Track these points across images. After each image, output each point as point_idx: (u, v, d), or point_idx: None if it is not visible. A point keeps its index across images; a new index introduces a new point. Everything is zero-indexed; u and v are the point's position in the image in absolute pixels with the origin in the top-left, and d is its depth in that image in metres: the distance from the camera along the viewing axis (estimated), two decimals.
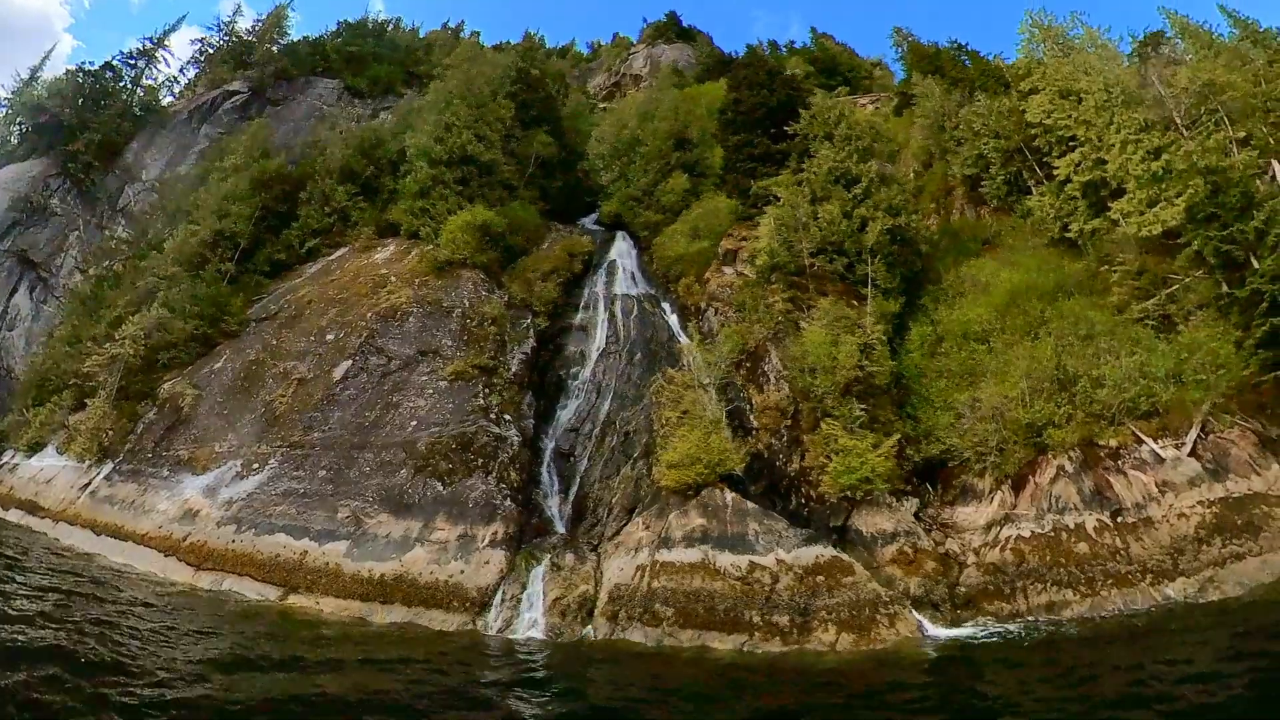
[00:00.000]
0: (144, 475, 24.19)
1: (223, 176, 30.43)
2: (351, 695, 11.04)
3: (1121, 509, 15.48)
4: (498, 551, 19.01)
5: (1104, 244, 19.69)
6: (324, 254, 32.14)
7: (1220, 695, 8.98)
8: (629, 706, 11.59)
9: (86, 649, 11.34)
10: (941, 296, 24.30)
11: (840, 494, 18.87)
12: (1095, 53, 19.85)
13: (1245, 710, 8.58)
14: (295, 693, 10.91)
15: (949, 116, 29.20)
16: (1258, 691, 8.93)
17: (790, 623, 14.98)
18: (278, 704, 10.43)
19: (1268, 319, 13.42)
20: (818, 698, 11.70)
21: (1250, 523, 13.42)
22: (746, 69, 33.86)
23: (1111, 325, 17.88)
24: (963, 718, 10.24)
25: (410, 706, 10.70)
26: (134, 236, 32.47)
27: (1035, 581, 15.24)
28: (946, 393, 20.68)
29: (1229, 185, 14.42)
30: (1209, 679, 9.71)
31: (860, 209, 26.02)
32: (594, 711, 11.33)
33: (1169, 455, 15.47)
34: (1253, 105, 16.21)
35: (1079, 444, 17.01)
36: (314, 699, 10.81)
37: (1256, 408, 14.77)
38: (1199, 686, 9.44)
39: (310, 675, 11.90)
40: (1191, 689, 9.37)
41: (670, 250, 34.04)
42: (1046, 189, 22.55)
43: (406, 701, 10.94)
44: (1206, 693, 9.19)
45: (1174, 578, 13.55)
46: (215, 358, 27.33)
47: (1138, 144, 16.65)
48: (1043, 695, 10.42)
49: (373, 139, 34.52)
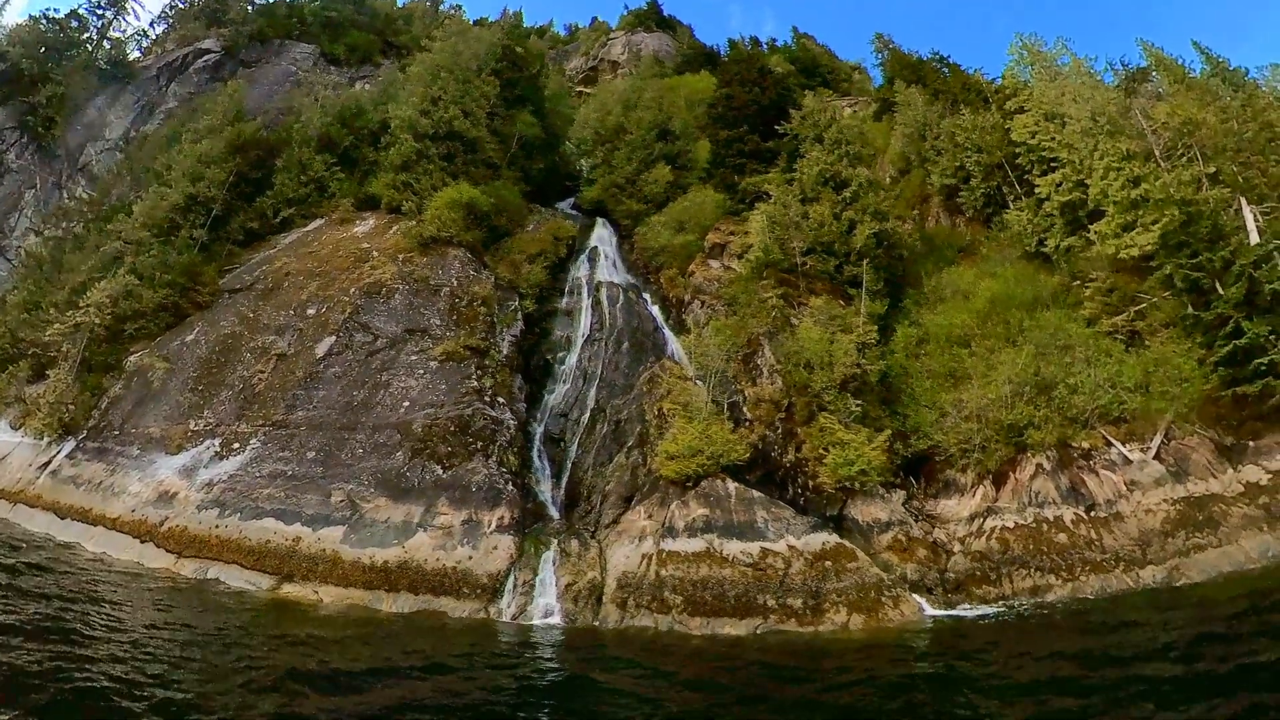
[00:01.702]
0: (111, 454, 22.86)
1: (196, 138, 28.52)
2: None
3: (1095, 504, 17.11)
4: (505, 537, 19.00)
5: (1078, 260, 21.40)
6: (299, 225, 30.80)
7: (1181, 666, 10.41)
8: (712, 683, 12.09)
9: (64, 643, 10.90)
10: (923, 300, 25.70)
11: (838, 484, 19.87)
12: (1081, 81, 21.40)
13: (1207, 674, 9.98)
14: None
15: (930, 127, 30.61)
16: (1228, 665, 10.33)
17: (804, 605, 15.86)
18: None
19: (1230, 341, 15.09)
20: (871, 663, 12.68)
21: (1210, 519, 15.17)
22: (739, 66, 34.37)
23: (1086, 337, 19.56)
24: (974, 684, 11.34)
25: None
26: (96, 197, 30.00)
27: (1019, 568, 16.67)
28: (932, 392, 22.02)
29: (1200, 217, 16.06)
30: (1174, 649, 11.19)
31: (848, 212, 27.10)
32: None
33: (1136, 458, 17.19)
34: (1223, 144, 18.05)
35: (1055, 444, 18.60)
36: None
37: (1215, 419, 16.60)
38: (1168, 655, 10.90)
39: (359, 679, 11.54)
40: (1161, 659, 10.86)
41: (652, 241, 34.29)
42: (1025, 204, 24.18)
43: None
44: (1174, 660, 10.65)
45: (1144, 565, 15.18)
46: (186, 329, 25.91)
47: (1119, 172, 18.21)
48: (1035, 667, 11.69)
49: (354, 108, 33.11)
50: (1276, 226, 15.46)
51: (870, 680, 11.61)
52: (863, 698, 10.79)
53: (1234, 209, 16.90)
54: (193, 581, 18.17)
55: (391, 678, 11.49)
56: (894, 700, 10.37)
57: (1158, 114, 19.36)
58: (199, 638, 13.02)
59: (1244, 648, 10.72)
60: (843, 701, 10.71)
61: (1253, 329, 14.74)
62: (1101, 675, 10.26)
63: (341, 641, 14.01)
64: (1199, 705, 8.69)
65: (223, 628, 14.16)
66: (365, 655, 12.97)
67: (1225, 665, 10.12)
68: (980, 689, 10.55)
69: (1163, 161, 18.48)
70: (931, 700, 10.21)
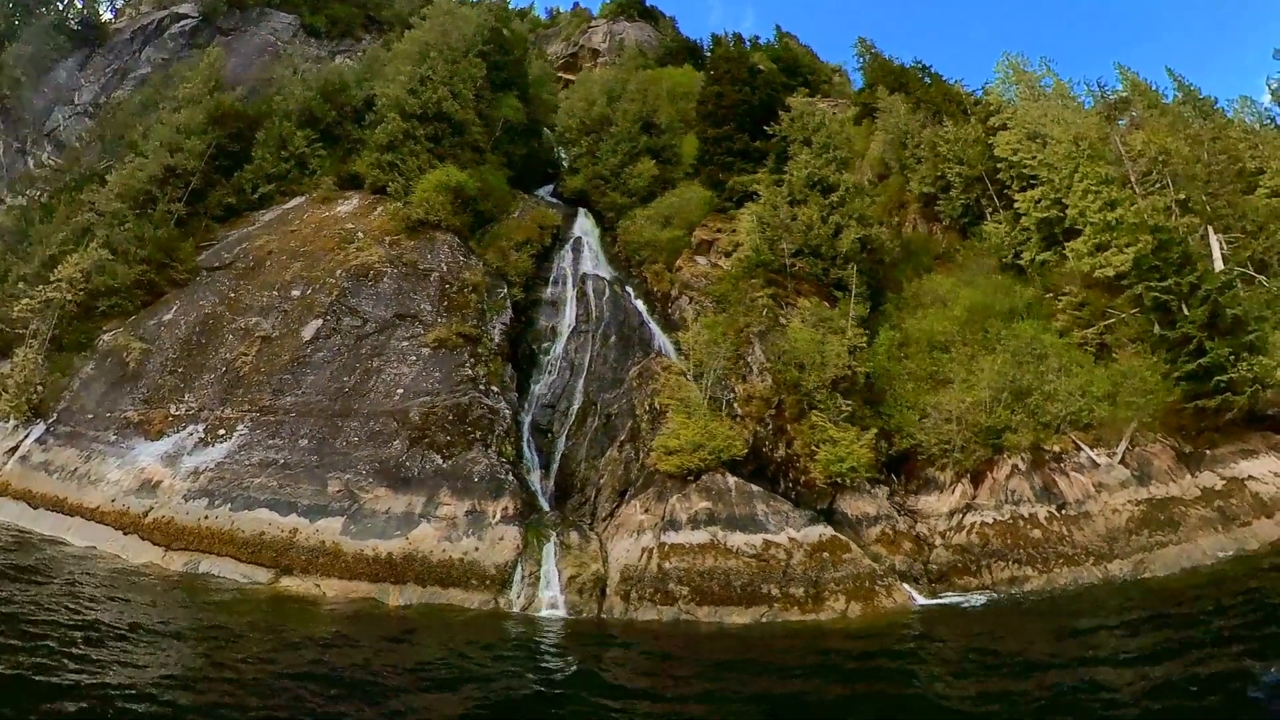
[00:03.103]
0: (85, 439, 21.85)
1: (175, 107, 26.98)
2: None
3: (1066, 503, 18.56)
4: (511, 528, 19.07)
5: (1052, 275, 22.91)
6: (278, 202, 29.74)
7: (1135, 640, 12.05)
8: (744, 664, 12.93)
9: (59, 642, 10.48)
10: (904, 305, 26.90)
11: (828, 480, 20.85)
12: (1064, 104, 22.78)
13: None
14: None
15: (912, 135, 31.79)
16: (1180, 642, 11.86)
17: (805, 594, 16.73)
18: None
19: (1194, 359, 16.63)
20: (875, 644, 13.86)
21: (1170, 519, 16.77)
22: (729, 64, 34.74)
23: (1059, 348, 21.05)
24: (965, 662, 12.57)
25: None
26: (64, 165, 28.03)
27: (998, 560, 17.99)
28: (914, 394, 23.22)
29: (1171, 244, 17.55)
30: (1134, 627, 12.80)
31: (835, 216, 28.00)
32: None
33: (1103, 462, 18.72)
34: (1194, 172, 19.67)
35: (1029, 447, 20.02)
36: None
37: (1176, 428, 18.26)
38: (1131, 634, 12.52)
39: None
40: (1121, 635, 12.54)
41: (637, 235, 34.46)
42: (1004, 218, 25.60)
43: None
44: (1137, 637, 12.29)
45: (1111, 560, 16.66)
46: (163, 308, 24.82)
47: (1098, 195, 19.62)
48: (1014, 643, 13.24)
49: (337, 82, 31.95)
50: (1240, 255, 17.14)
51: (881, 653, 12.91)
52: (873, 670, 12.03)
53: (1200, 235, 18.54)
54: (183, 575, 17.69)
55: (423, 676, 11.60)
56: (898, 666, 11.77)
57: (1134, 141, 20.92)
58: (202, 635, 12.72)
59: (1193, 631, 12.11)
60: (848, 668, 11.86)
61: (1215, 349, 16.29)
62: (1069, 650, 11.97)
63: (353, 636, 13.89)
64: (1159, 669, 10.21)
65: (224, 624, 13.87)
66: (386, 651, 12.94)
67: (1176, 642, 11.62)
68: (969, 662, 12.09)
69: (1138, 188, 20.04)
70: (927, 671, 11.49)
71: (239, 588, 17.15)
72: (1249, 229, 18.47)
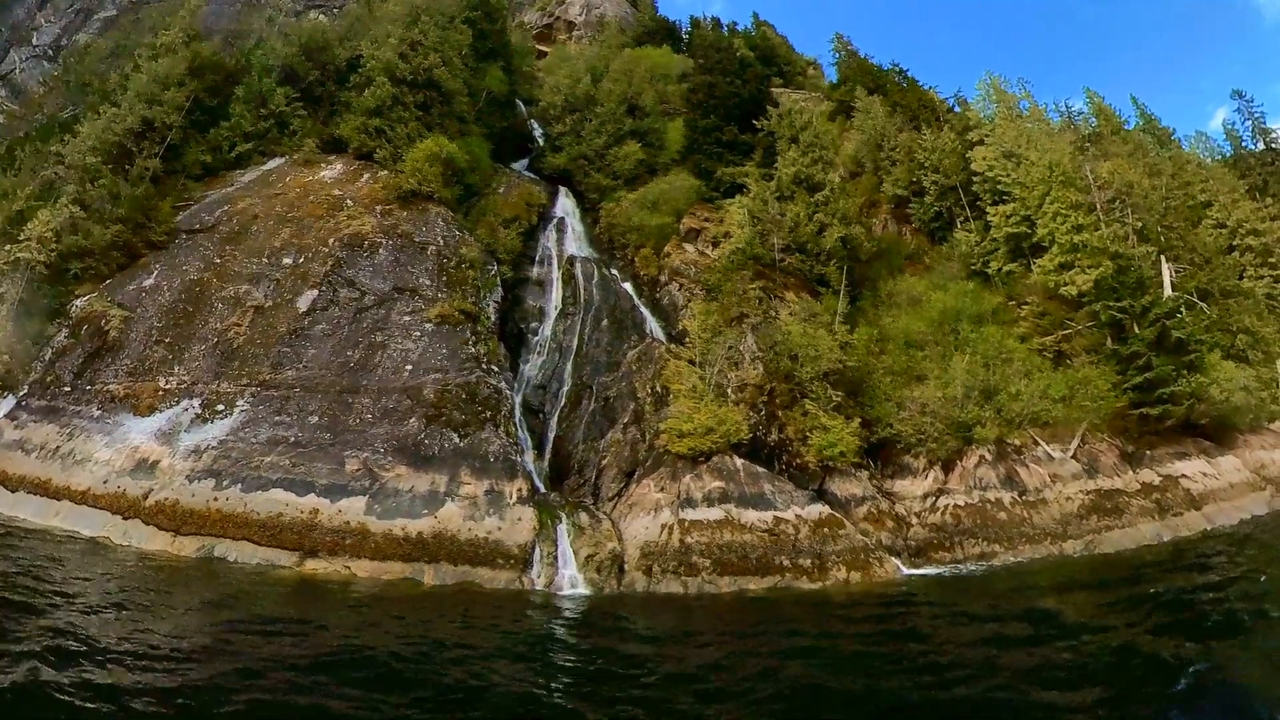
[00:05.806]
0: (65, 414, 20.42)
1: (152, 55, 24.69)
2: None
3: (1026, 490, 21.30)
4: (527, 509, 19.47)
5: (1016, 284, 25.53)
6: (256, 162, 28.14)
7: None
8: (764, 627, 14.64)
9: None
10: (880, 303, 29.08)
11: (820, 463, 22.76)
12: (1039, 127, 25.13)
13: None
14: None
15: (888, 138, 33.71)
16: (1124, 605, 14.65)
17: (812, 564, 18.53)
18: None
19: (1142, 372, 19.47)
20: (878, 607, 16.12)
21: (1116, 507, 19.74)
22: (719, 54, 35.35)
23: (1024, 353, 23.73)
24: (953, 617, 14.93)
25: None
26: (23, 111, 25.07)
27: (970, 537, 20.50)
28: (891, 388, 25.45)
29: (1129, 269, 20.23)
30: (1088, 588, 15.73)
31: (820, 214, 29.66)
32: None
33: (1058, 456, 21.56)
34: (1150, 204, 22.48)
35: (995, 440, 22.67)
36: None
37: (1121, 431, 21.28)
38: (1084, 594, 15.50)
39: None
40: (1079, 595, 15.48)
41: (623, 218, 34.81)
42: (974, 227, 28.04)
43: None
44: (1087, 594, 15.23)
45: (1066, 540, 19.47)
46: (143, 272, 23.31)
47: (1066, 218, 22.11)
48: (989, 601, 15.94)
49: (320, 39, 30.15)
50: (1187, 284, 20.03)
51: (883, 615, 15.36)
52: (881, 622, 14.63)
53: (1153, 263, 21.41)
54: (198, 562, 16.89)
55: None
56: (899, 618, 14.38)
57: (1101, 171, 23.56)
58: (240, 627, 12.05)
59: (1134, 590, 15.10)
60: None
61: (1160, 365, 19.12)
62: (1035, 605, 14.98)
63: (403, 619, 14.02)
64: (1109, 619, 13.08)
65: (261, 613, 13.29)
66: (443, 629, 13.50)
67: (1121, 602, 14.48)
68: (956, 616, 14.81)
69: (1102, 215, 22.72)
70: (925, 624, 14.11)
71: (262, 573, 16.57)
72: (1197, 261, 21.56)
